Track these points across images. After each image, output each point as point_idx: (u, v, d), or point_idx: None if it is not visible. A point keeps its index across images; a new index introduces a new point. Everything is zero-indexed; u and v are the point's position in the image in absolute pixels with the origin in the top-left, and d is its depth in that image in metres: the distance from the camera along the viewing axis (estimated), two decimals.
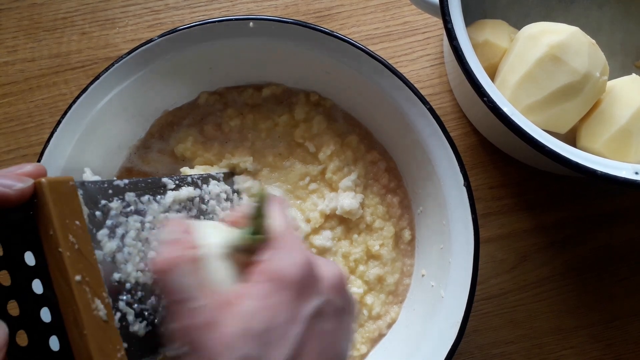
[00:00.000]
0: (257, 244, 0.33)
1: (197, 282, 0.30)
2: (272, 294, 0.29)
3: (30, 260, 0.32)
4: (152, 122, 0.53)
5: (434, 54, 0.60)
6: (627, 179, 0.43)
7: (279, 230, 0.33)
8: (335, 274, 0.33)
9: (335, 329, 0.32)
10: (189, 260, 0.30)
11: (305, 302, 0.30)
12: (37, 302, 0.31)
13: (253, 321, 0.28)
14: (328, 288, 0.32)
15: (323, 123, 0.54)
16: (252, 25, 0.48)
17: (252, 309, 0.29)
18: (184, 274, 0.30)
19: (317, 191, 0.53)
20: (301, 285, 0.30)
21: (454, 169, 0.47)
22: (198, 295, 0.29)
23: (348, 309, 0.34)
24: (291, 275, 0.30)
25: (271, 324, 0.28)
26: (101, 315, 0.30)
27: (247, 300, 0.29)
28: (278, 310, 0.29)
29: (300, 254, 0.31)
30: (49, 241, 0.30)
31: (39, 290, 0.31)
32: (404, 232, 0.53)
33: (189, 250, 0.31)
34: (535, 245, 0.58)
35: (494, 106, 0.44)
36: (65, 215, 0.30)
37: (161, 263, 0.30)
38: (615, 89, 0.49)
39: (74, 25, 0.59)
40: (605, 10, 0.58)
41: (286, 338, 0.28)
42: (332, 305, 0.32)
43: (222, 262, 0.32)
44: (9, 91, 0.58)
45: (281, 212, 0.35)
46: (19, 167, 0.31)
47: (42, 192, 0.30)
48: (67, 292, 0.29)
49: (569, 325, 0.57)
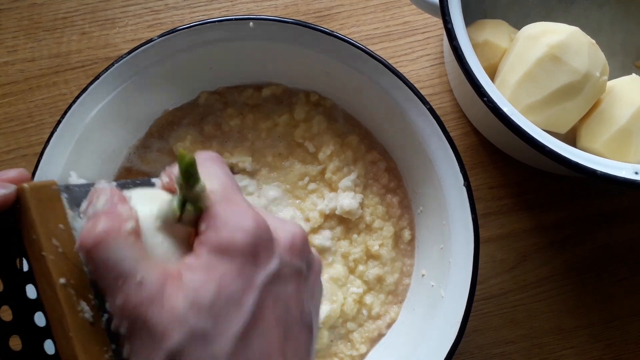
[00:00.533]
0: (195, 213, 0.29)
1: (135, 256, 0.27)
2: (217, 266, 0.27)
3: (24, 265, 0.32)
4: (152, 122, 0.53)
5: (434, 54, 0.60)
6: (627, 179, 0.43)
7: (217, 192, 0.29)
8: (291, 234, 0.30)
9: (295, 293, 0.29)
10: (125, 231, 0.27)
11: (258, 268, 0.27)
12: (30, 307, 0.31)
13: (200, 293, 0.26)
14: (284, 250, 0.29)
15: (323, 123, 0.54)
16: (252, 25, 0.48)
17: (199, 281, 0.26)
18: (120, 247, 0.26)
19: (316, 191, 0.54)
20: (250, 250, 0.27)
21: (454, 169, 0.47)
22: (138, 269, 0.26)
23: (312, 269, 0.32)
24: (236, 241, 0.27)
25: (221, 295, 0.26)
26: (87, 317, 0.30)
27: (192, 273, 0.27)
28: (226, 281, 0.26)
29: (246, 219, 0.28)
30: (32, 245, 0.30)
31: (33, 295, 0.31)
32: (404, 232, 0.53)
33: (123, 222, 0.27)
34: (535, 245, 0.58)
35: (494, 106, 0.44)
36: (48, 219, 0.30)
37: (94, 237, 0.26)
38: (615, 89, 0.49)
39: (74, 25, 0.59)
40: (605, 10, 0.58)
41: (239, 307, 0.26)
42: (290, 267, 0.29)
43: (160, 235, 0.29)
44: (9, 91, 0.58)
45: (217, 169, 0.31)
46: (2, 173, 0.30)
47: (24, 197, 0.30)
48: (51, 296, 0.29)
49: (569, 325, 0.57)
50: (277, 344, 0.28)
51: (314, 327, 0.31)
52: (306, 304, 0.30)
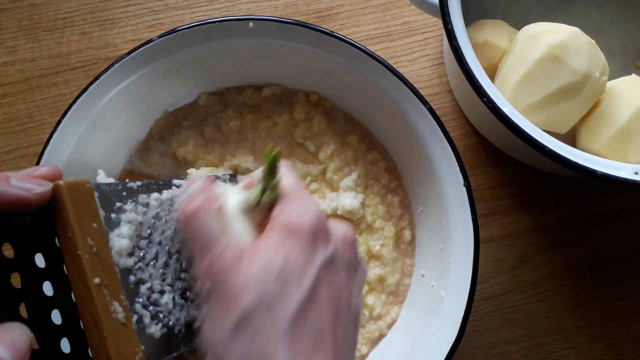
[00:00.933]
0: (270, 202, 0.34)
1: (221, 229, 0.32)
2: (286, 241, 0.31)
3: (41, 262, 0.31)
4: (152, 123, 0.53)
5: (434, 54, 0.60)
6: (627, 179, 0.43)
7: (290, 186, 0.35)
8: (346, 230, 0.35)
9: (345, 282, 0.33)
10: (214, 208, 0.33)
11: (317, 250, 0.32)
12: (47, 304, 0.31)
13: (271, 263, 0.30)
14: (338, 241, 0.34)
15: (323, 123, 0.54)
16: (252, 25, 0.48)
17: (269, 253, 0.31)
18: (210, 220, 0.32)
19: (318, 191, 0.54)
20: (312, 234, 0.32)
21: (454, 169, 0.47)
22: (223, 239, 0.31)
23: (359, 266, 0.36)
24: (302, 224, 0.32)
25: (287, 266, 0.30)
26: (119, 318, 0.30)
27: (264, 247, 0.31)
28: (293, 255, 0.31)
29: (311, 207, 0.33)
30: (67, 244, 0.30)
31: (50, 292, 0.31)
32: (405, 232, 0.53)
33: (214, 201, 0.33)
34: (535, 245, 0.58)
35: (494, 106, 0.44)
36: (83, 218, 0.30)
37: (190, 209, 0.32)
38: (615, 89, 0.49)
39: (74, 25, 0.59)
40: (605, 10, 0.58)
41: (301, 279, 0.30)
42: (342, 258, 0.33)
43: (240, 219, 0.34)
44: (9, 91, 0.58)
45: (291, 170, 0.37)
46: (35, 169, 0.31)
47: (60, 195, 0.30)
48: (86, 295, 0.29)
49: (569, 325, 0.57)
50: (329, 323, 0.31)
51: (359, 321, 0.35)
52: (354, 297, 0.34)
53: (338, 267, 0.33)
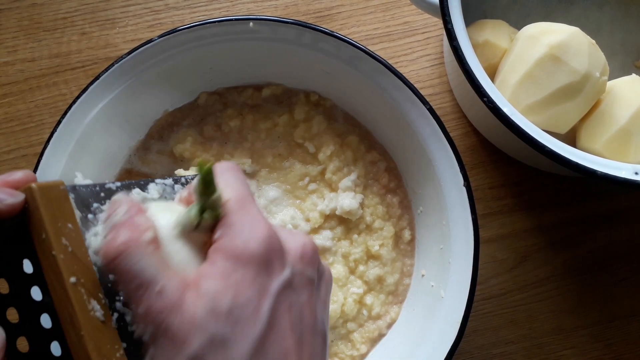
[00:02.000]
0: (212, 220, 0.30)
1: (156, 264, 0.28)
2: (233, 273, 0.28)
3: (28, 267, 0.32)
4: (151, 123, 0.53)
5: (434, 54, 0.60)
6: (627, 179, 0.43)
7: (233, 201, 0.30)
8: (301, 245, 0.31)
9: (308, 300, 0.31)
10: (145, 241, 0.28)
11: (271, 276, 0.29)
12: (36, 308, 0.31)
13: (218, 300, 0.27)
14: (295, 260, 0.30)
15: (323, 123, 0.54)
16: (252, 25, 0.48)
17: (215, 289, 0.27)
18: (142, 257, 0.28)
19: (316, 191, 0.54)
20: (263, 260, 0.29)
21: (454, 169, 0.47)
22: (159, 278, 0.27)
23: (322, 278, 0.33)
24: (250, 251, 0.28)
25: (238, 302, 0.27)
26: (98, 316, 0.30)
27: (209, 280, 0.28)
28: (242, 288, 0.28)
29: (259, 228, 0.29)
30: (42, 245, 0.30)
31: (38, 297, 0.31)
32: (404, 232, 0.53)
33: (142, 232, 0.28)
34: (535, 245, 0.58)
35: (494, 106, 0.44)
36: (57, 219, 0.30)
37: (116, 247, 0.28)
38: (615, 89, 0.49)
39: (74, 25, 0.59)
40: (605, 10, 0.58)
41: (255, 314, 0.28)
42: (302, 276, 0.31)
43: (178, 244, 0.30)
44: (9, 91, 0.58)
45: (234, 179, 0.32)
46: (9, 174, 0.31)
47: (33, 197, 0.30)
48: (62, 295, 0.29)
49: (569, 325, 0.57)
50: (292, 350, 0.29)
51: (327, 336, 0.32)
52: (319, 313, 0.31)
53: (298, 288, 0.30)
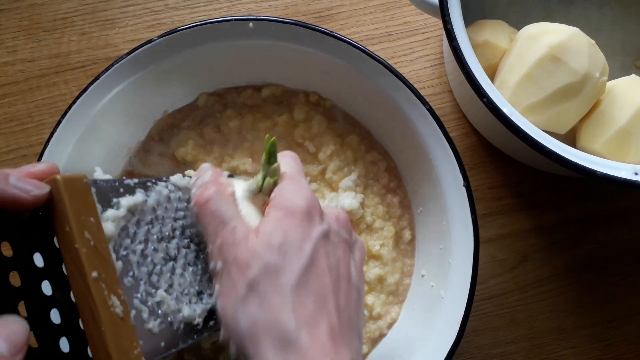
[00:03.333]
0: (271, 186, 0.39)
1: (232, 211, 0.36)
2: (283, 219, 0.35)
3: (39, 261, 0.32)
4: (152, 124, 0.53)
5: (434, 54, 0.60)
6: (627, 180, 0.43)
7: (288, 172, 0.39)
8: (338, 212, 0.39)
9: (343, 255, 0.37)
10: (227, 194, 0.37)
11: (312, 225, 0.36)
12: (46, 303, 0.31)
13: (272, 237, 0.34)
14: (331, 219, 0.38)
15: (323, 123, 0.54)
16: (251, 25, 0.48)
17: (270, 230, 0.35)
18: (223, 204, 0.36)
19: (317, 191, 0.53)
20: (307, 213, 0.36)
21: (453, 169, 0.47)
22: (235, 219, 0.36)
23: (355, 244, 0.39)
24: (296, 204, 0.36)
25: (286, 240, 0.34)
26: (117, 311, 0.30)
27: (266, 225, 0.35)
28: (291, 230, 0.35)
29: (304, 190, 0.37)
30: (64, 238, 0.30)
31: (48, 292, 0.31)
32: (404, 232, 0.53)
33: (226, 187, 0.38)
34: (535, 245, 0.58)
35: (494, 107, 0.44)
36: (80, 212, 0.30)
37: (205, 195, 0.37)
38: (615, 89, 0.49)
39: (74, 25, 0.59)
40: (605, 10, 0.58)
41: (300, 251, 0.34)
42: (337, 235, 0.37)
43: (247, 204, 0.38)
44: (9, 91, 0.58)
45: (291, 160, 0.41)
46: (33, 165, 0.32)
47: (58, 189, 0.30)
48: (84, 289, 0.29)
49: (569, 325, 0.57)
50: (329, 287, 0.35)
51: (361, 294, 0.38)
52: (353, 271, 0.38)
53: (334, 242, 0.37)
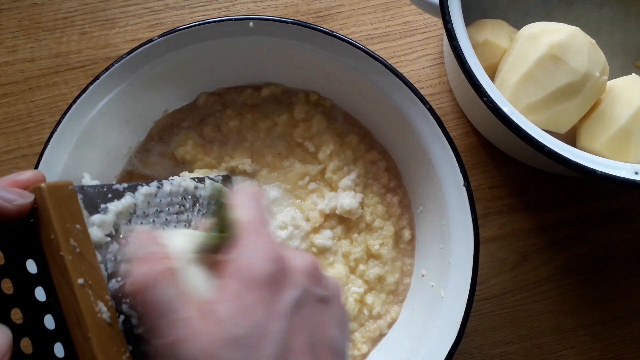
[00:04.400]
0: (224, 243, 0.32)
1: (173, 295, 0.28)
2: (244, 294, 0.29)
3: (32, 268, 0.31)
4: (151, 124, 0.53)
5: (434, 54, 0.60)
6: (627, 179, 0.43)
7: (245, 224, 0.32)
8: (308, 263, 0.32)
9: (322, 318, 0.31)
10: (166, 273, 0.29)
11: (280, 296, 0.29)
12: (40, 309, 0.31)
13: (230, 326, 0.28)
14: (302, 278, 0.31)
15: (323, 122, 0.54)
16: (251, 25, 0.48)
17: (227, 314, 0.28)
18: (164, 288, 0.29)
19: (316, 191, 0.54)
20: (272, 280, 0.29)
21: (453, 169, 0.47)
22: (176, 308, 0.28)
23: (332, 296, 0.33)
24: (259, 272, 0.29)
25: (250, 326, 0.28)
26: (105, 317, 0.30)
27: (221, 305, 0.28)
28: (253, 310, 0.28)
29: (266, 249, 0.30)
30: (50, 245, 0.30)
31: (42, 297, 0.31)
32: (404, 231, 0.53)
33: (164, 262, 0.30)
34: (535, 245, 0.58)
35: (494, 106, 0.44)
36: (65, 219, 0.30)
37: (139, 281, 0.29)
38: (615, 89, 0.49)
39: (74, 25, 0.59)
40: (605, 10, 0.58)
41: (269, 337, 0.28)
42: (311, 295, 0.31)
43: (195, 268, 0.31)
44: (9, 91, 0.58)
45: (251, 203, 0.33)
46: (18, 174, 0.31)
47: (42, 197, 0.30)
48: (69, 296, 0.29)
49: (569, 325, 0.57)
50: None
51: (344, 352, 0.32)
52: (332, 329, 0.32)
53: (309, 306, 0.31)
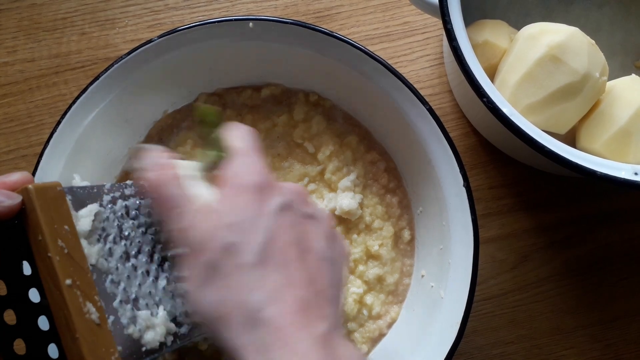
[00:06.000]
0: (220, 161, 0.37)
1: (182, 193, 0.35)
2: (236, 195, 0.34)
3: (27, 269, 0.32)
4: (151, 124, 0.53)
5: (434, 54, 0.60)
6: (627, 180, 0.43)
7: (239, 148, 0.37)
8: (295, 185, 0.38)
9: (306, 228, 0.36)
10: (174, 177, 0.36)
11: (268, 200, 0.35)
12: (34, 310, 0.31)
13: (226, 216, 0.33)
14: (289, 192, 0.36)
15: (322, 123, 0.54)
16: (251, 25, 0.48)
17: (223, 208, 0.34)
18: (172, 187, 0.35)
19: (316, 191, 0.54)
20: (259, 188, 0.35)
21: (453, 169, 0.47)
22: (183, 202, 0.34)
23: (319, 216, 0.38)
24: (247, 179, 0.35)
25: (242, 217, 0.33)
26: (93, 318, 0.30)
27: (218, 203, 0.34)
28: (244, 207, 0.34)
29: (255, 165, 0.36)
30: (38, 246, 0.30)
31: (36, 299, 0.31)
32: (404, 232, 0.53)
33: (172, 169, 0.36)
34: (535, 245, 0.58)
35: (494, 107, 0.44)
36: (53, 220, 0.30)
37: (155, 179, 0.35)
38: (615, 89, 0.49)
39: (74, 25, 0.59)
40: (605, 10, 0.58)
41: (258, 227, 0.33)
42: (297, 208, 0.36)
43: (197, 182, 0.36)
44: (9, 91, 0.58)
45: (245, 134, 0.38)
46: (6, 176, 0.32)
47: (30, 199, 0.30)
48: (58, 297, 0.29)
49: (569, 325, 0.57)
50: (294, 261, 0.34)
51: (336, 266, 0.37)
52: (321, 243, 0.36)
53: (294, 215, 0.35)
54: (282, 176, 0.53)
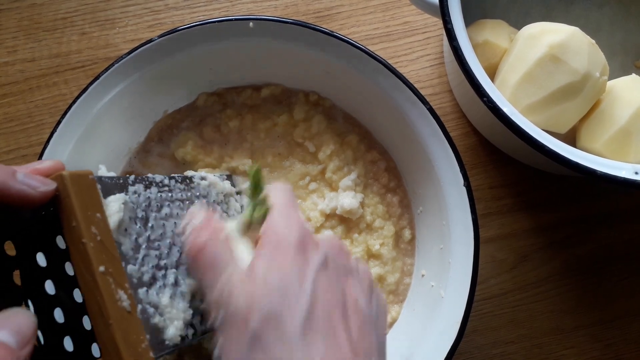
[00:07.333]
0: (261, 217, 0.36)
1: (228, 256, 0.34)
2: (277, 255, 0.33)
3: (42, 261, 0.32)
4: (151, 124, 0.53)
5: (434, 54, 0.60)
6: (627, 179, 0.43)
7: (277, 204, 0.37)
8: (333, 238, 0.37)
9: (346, 284, 0.34)
10: (222, 238, 0.35)
11: (308, 258, 0.33)
12: (50, 302, 0.31)
13: (267, 279, 0.32)
14: (327, 249, 0.35)
15: (323, 123, 0.54)
16: (251, 25, 0.48)
17: (265, 270, 0.32)
18: (219, 250, 0.34)
19: (317, 191, 0.54)
20: (299, 245, 0.33)
21: (453, 169, 0.47)
22: (229, 266, 0.33)
23: (358, 269, 0.37)
24: (287, 237, 0.34)
25: (284, 280, 0.32)
26: (125, 306, 0.31)
27: (259, 263, 0.33)
28: (286, 268, 0.32)
29: (294, 222, 0.35)
30: (71, 233, 0.30)
31: (52, 291, 0.32)
32: (404, 231, 0.53)
33: (219, 232, 0.35)
34: (535, 245, 0.58)
35: (494, 106, 0.44)
36: (86, 207, 0.31)
37: (199, 242, 0.34)
38: (615, 89, 0.49)
39: (74, 25, 0.59)
40: (605, 10, 0.58)
41: (300, 289, 0.32)
42: (336, 263, 0.35)
43: (240, 240, 0.36)
44: (9, 91, 0.58)
45: (282, 191, 0.38)
46: (39, 162, 0.32)
47: (65, 185, 0.30)
48: (91, 284, 0.30)
49: (569, 325, 0.57)
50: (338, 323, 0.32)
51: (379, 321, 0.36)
52: (362, 299, 0.35)
53: (335, 271, 0.34)
54: (283, 175, 0.53)
